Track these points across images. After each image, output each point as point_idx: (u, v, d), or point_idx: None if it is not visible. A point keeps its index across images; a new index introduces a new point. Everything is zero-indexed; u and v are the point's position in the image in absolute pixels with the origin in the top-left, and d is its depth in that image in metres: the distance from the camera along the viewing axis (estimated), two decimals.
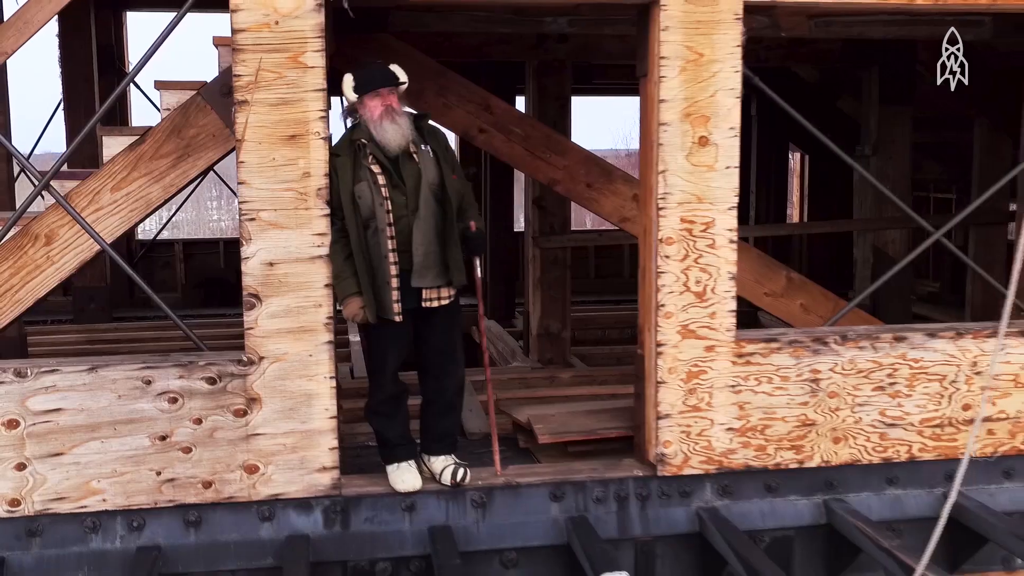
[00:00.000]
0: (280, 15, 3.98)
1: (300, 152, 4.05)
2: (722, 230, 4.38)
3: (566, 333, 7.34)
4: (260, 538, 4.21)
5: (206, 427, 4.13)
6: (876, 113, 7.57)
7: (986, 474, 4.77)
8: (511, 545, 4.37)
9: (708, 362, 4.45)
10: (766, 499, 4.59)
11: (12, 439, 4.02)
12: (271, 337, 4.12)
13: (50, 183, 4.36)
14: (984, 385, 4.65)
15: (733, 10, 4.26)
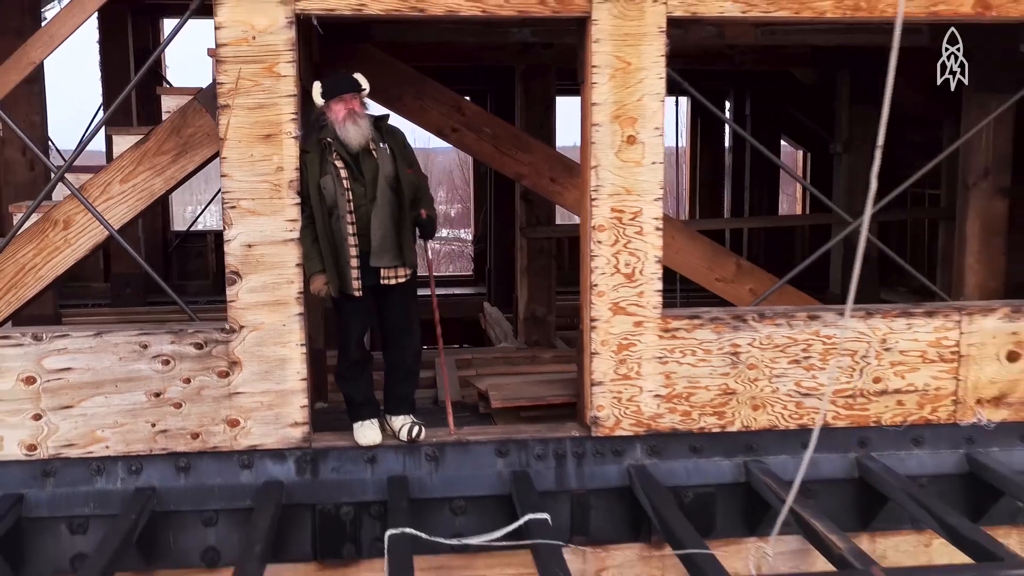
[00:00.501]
0: (256, 31, 4.62)
1: (274, 149, 4.69)
2: (649, 219, 4.94)
3: (551, 317, 7.93)
4: (240, 483, 4.87)
5: (194, 386, 4.80)
6: (847, 112, 8.04)
7: (896, 441, 5.26)
8: (460, 494, 4.98)
9: (637, 336, 5.01)
10: (691, 459, 5.13)
11: (30, 393, 4.73)
12: (250, 309, 4.78)
13: (66, 175, 5.06)
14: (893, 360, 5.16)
15: (657, 24, 4.82)
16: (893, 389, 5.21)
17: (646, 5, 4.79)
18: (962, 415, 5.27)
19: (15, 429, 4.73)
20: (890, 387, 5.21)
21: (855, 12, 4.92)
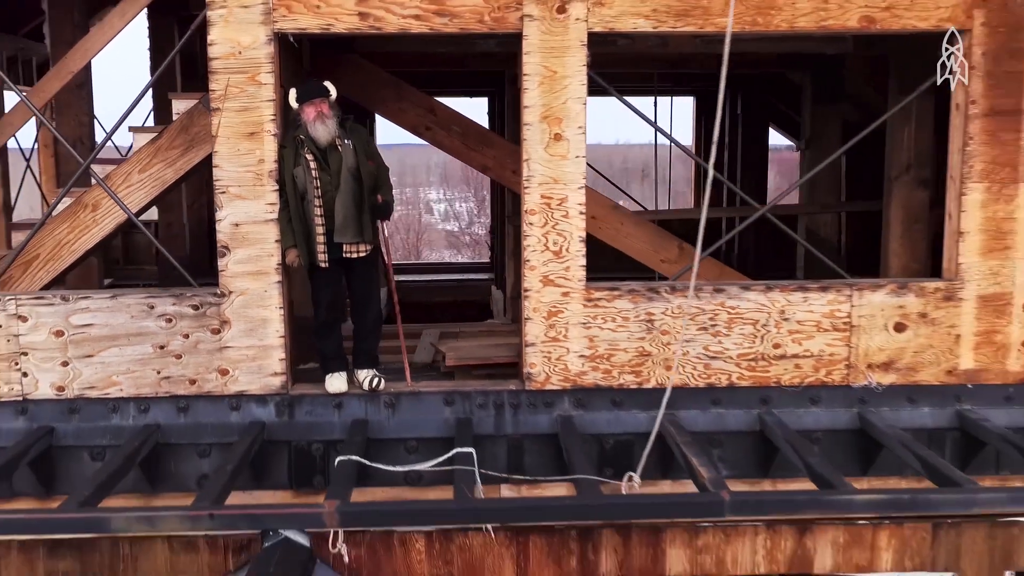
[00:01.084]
0: (242, 47, 5.60)
1: (257, 145, 5.67)
2: (574, 204, 5.80)
3: None
4: (230, 422, 5.86)
5: (192, 340, 5.80)
6: (809, 111, 8.74)
7: (795, 400, 6.02)
8: (412, 436, 5.89)
9: (564, 304, 5.87)
10: (612, 411, 5.97)
11: (59, 344, 5.78)
12: (237, 277, 5.76)
13: (92, 166, 6.11)
14: (791, 328, 5.93)
15: (579, 38, 5.66)
16: (791, 354, 5.99)
17: (569, 22, 5.64)
18: (854, 378, 6.02)
19: (47, 373, 5.79)
20: (788, 352, 5.98)
21: (752, 27, 5.70)
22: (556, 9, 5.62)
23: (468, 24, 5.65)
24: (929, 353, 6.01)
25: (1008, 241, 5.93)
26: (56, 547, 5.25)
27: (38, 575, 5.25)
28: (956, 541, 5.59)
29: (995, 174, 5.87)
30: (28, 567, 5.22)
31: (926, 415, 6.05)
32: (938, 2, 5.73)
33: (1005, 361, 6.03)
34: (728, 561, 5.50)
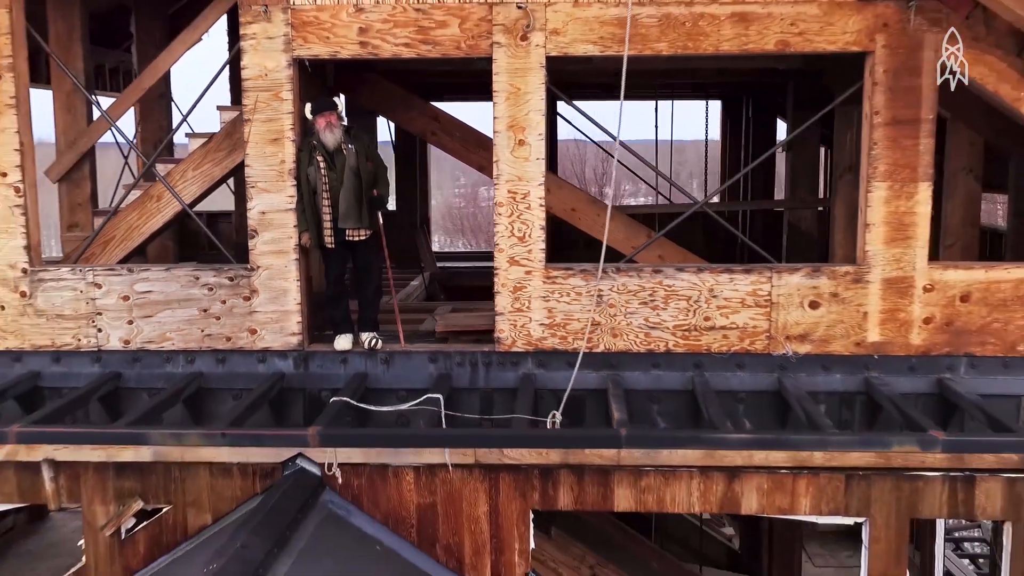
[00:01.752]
0: (268, 70, 6.98)
1: (279, 149, 7.05)
2: (535, 198, 7.01)
3: None
4: (257, 372, 7.26)
5: (228, 305, 7.23)
6: (791, 117, 9.72)
7: (724, 365, 7.10)
8: (403, 387, 7.19)
9: (527, 281, 7.08)
10: (568, 371, 7.13)
11: (125, 306, 7.28)
12: (263, 255, 7.16)
13: (155, 165, 7.59)
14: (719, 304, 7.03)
15: (539, 61, 6.86)
16: (720, 326, 7.07)
17: (530, 48, 6.85)
18: (774, 347, 7.07)
19: (116, 330, 7.30)
20: (717, 324, 7.07)
21: (683, 50, 6.82)
22: (519, 37, 6.84)
23: (448, 50, 6.92)
24: (840, 327, 7.02)
25: (909, 232, 6.89)
26: (122, 469, 6.73)
27: (108, 492, 6.72)
28: (867, 491, 6.63)
29: (897, 175, 6.84)
30: (101, 485, 6.72)
31: (838, 381, 7.06)
32: (844, 28, 6.74)
33: (908, 336, 7.00)
34: (667, 500, 6.65)
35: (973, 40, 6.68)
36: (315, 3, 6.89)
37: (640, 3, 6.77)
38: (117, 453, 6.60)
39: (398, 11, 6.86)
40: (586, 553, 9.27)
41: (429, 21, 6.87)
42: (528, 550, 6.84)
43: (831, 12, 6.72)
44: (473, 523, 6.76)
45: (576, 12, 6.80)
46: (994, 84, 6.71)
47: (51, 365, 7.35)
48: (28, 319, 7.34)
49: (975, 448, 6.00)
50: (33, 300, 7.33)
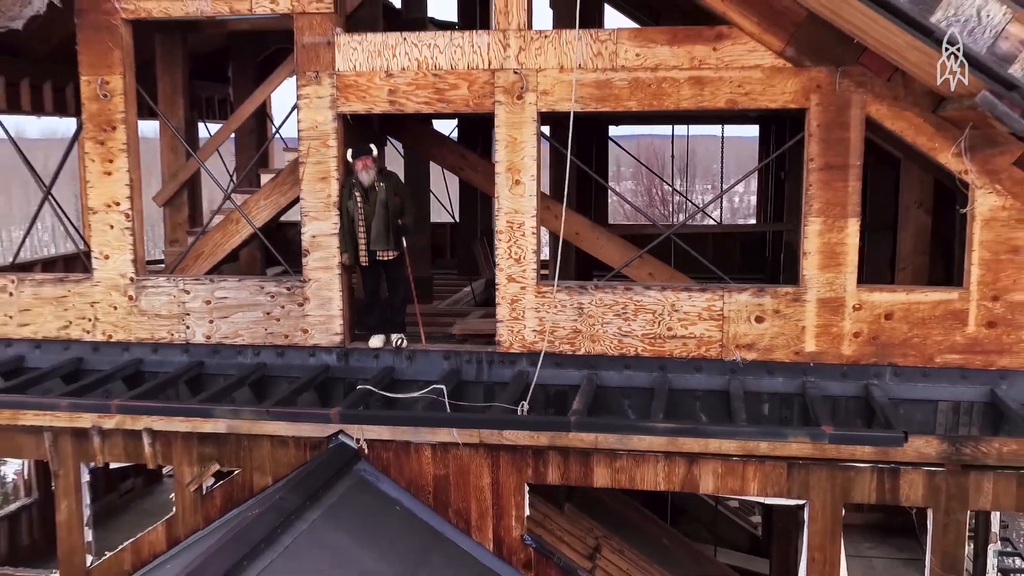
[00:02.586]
0: (317, 123, 8.74)
1: (326, 185, 8.81)
2: (528, 228, 8.56)
3: None
4: (308, 363, 9.05)
5: (286, 309, 9.04)
6: (788, 149, 10.96)
7: (684, 368, 8.51)
8: (422, 379, 8.85)
9: (522, 295, 8.65)
10: (555, 370, 8.68)
11: (207, 309, 9.17)
12: (314, 270, 8.93)
13: (232, 195, 9.47)
14: (680, 317, 8.44)
15: (532, 116, 8.41)
16: (680, 335, 8.49)
17: (525, 105, 8.41)
18: (726, 354, 8.44)
19: (200, 327, 9.21)
20: (678, 334, 8.49)
21: (649, 106, 8.26)
22: (516, 97, 8.41)
23: (459, 107, 8.55)
24: (782, 339, 8.34)
25: (840, 260, 8.17)
26: (204, 438, 8.62)
27: (193, 456, 8.62)
28: (806, 478, 8.01)
29: (829, 211, 8.13)
30: (187, 451, 8.61)
31: (780, 384, 8.39)
32: (784, 89, 8.07)
33: (840, 347, 8.27)
34: (638, 479, 8.16)
35: (894, 99, 7.92)
36: (355, 70, 8.63)
37: (613, 69, 8.25)
38: (200, 425, 8.49)
39: (419, 76, 8.53)
40: (594, 527, 10.78)
41: (444, 84, 8.51)
42: (524, 516, 8.44)
43: (772, 76, 8.06)
44: (478, 492, 8.40)
45: (561, 77, 8.33)
46: (912, 136, 7.93)
47: (150, 354, 9.31)
48: (134, 317, 9.33)
49: (853, 441, 7.31)
50: (138, 302, 9.31)
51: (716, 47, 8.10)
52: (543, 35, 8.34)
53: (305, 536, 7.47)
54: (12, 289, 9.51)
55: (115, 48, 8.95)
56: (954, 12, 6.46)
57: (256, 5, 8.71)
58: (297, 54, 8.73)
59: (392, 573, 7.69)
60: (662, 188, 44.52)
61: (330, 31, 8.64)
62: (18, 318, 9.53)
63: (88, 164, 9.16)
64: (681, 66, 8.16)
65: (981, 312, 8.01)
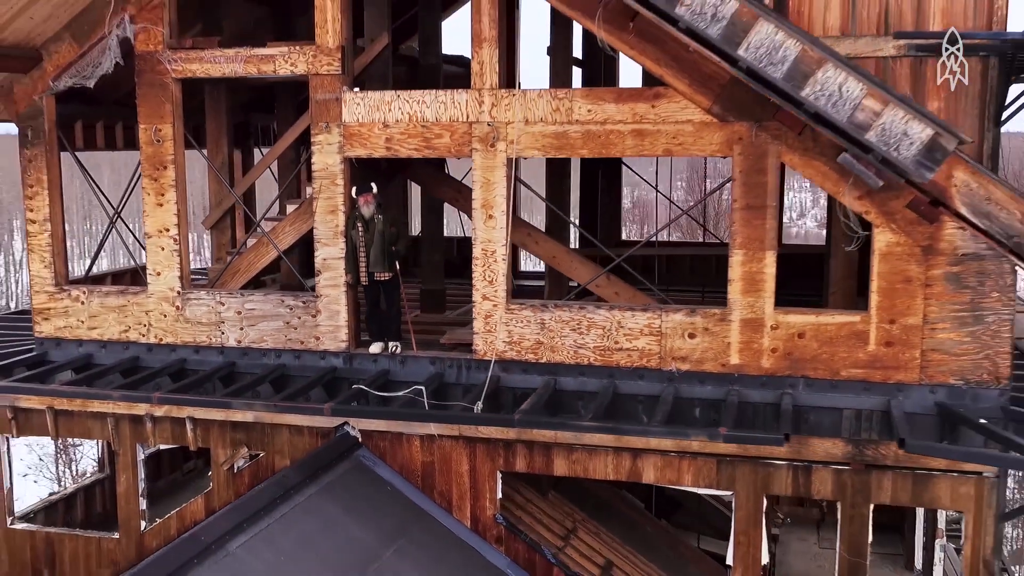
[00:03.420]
0: (328, 165, 10.48)
1: (334, 217, 10.54)
2: (500, 255, 10.14)
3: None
4: (320, 365, 10.81)
5: (302, 319, 10.81)
6: None
7: (630, 376, 9.98)
8: (411, 380, 10.50)
9: (494, 312, 10.24)
10: (522, 375, 10.24)
11: (239, 318, 10.99)
12: (324, 287, 10.68)
13: (261, 223, 11.28)
14: (626, 332, 9.91)
15: (502, 160, 9.99)
16: (626, 348, 9.97)
17: (497, 152, 10.00)
18: (664, 365, 9.89)
19: (233, 333, 11.04)
20: (624, 347, 9.97)
21: (599, 154, 9.75)
22: (489, 145, 10.01)
23: (443, 153, 10.19)
24: (711, 352, 9.76)
25: (760, 287, 9.55)
26: (235, 426, 10.46)
27: (226, 439, 10.46)
28: (732, 472, 9.47)
29: (750, 245, 9.52)
30: (222, 436, 10.46)
31: (709, 391, 9.80)
32: (711, 140, 9.48)
33: (760, 361, 9.65)
34: (591, 469, 9.71)
35: (804, 150, 9.26)
36: (358, 122, 10.34)
37: (569, 122, 9.79)
38: (231, 415, 10.33)
39: (410, 127, 10.20)
40: (575, 512, 12.28)
41: (430, 134, 10.16)
42: (496, 499, 10.06)
43: (701, 129, 9.49)
44: (458, 477, 10.06)
45: (526, 128, 9.90)
46: (820, 181, 9.27)
47: (192, 355, 11.20)
48: (180, 324, 11.22)
49: (743, 440, 8.71)
50: (183, 312, 11.20)
51: (654, 105, 9.57)
52: (511, 93, 9.92)
53: (301, 506, 9.21)
54: (84, 299, 11.51)
55: (167, 102, 10.84)
56: (820, 88, 7.83)
57: (279, 68, 10.50)
58: (312, 108, 10.48)
59: (373, 539, 9.38)
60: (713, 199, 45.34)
61: (339, 89, 10.37)
62: (88, 323, 11.52)
63: (144, 197, 11.08)
64: (625, 120, 9.65)
65: (880, 333, 9.30)
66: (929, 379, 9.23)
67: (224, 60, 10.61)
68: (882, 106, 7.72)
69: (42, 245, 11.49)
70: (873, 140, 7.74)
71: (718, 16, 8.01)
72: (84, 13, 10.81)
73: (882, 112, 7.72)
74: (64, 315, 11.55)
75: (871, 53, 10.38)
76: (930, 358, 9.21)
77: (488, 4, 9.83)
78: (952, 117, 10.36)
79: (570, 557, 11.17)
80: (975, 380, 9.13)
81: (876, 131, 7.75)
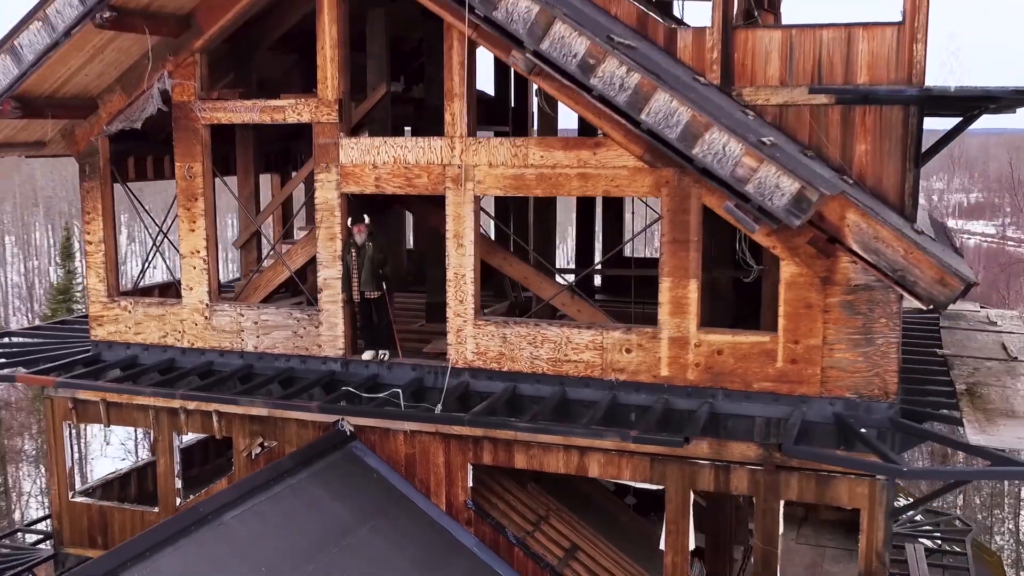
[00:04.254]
0: (327, 199, 12.33)
1: (333, 243, 12.38)
2: (469, 279, 11.83)
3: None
4: (321, 369, 12.67)
5: (307, 330, 12.69)
6: None
7: (578, 384, 11.56)
8: (395, 384, 12.28)
9: (464, 326, 11.94)
10: (487, 381, 11.91)
11: (256, 327, 12.93)
12: (325, 303, 12.53)
13: (277, 245, 13.19)
14: (573, 347, 11.52)
15: (470, 198, 11.69)
16: (574, 360, 11.57)
17: (465, 190, 11.70)
18: (605, 375, 11.45)
19: (250, 340, 12.98)
20: (572, 359, 11.57)
21: (550, 193, 11.38)
22: (459, 184, 11.71)
23: (421, 190, 11.94)
24: (644, 365, 11.29)
25: (685, 310, 11.04)
26: (253, 419, 12.45)
27: (245, 431, 12.47)
28: (663, 469, 11.08)
29: (676, 274, 11.02)
30: (242, 427, 12.46)
31: (644, 399, 11.33)
32: (643, 183, 11.01)
33: (686, 374, 11.15)
34: (545, 463, 11.43)
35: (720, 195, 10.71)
36: (352, 163, 12.16)
37: (525, 166, 11.43)
38: (249, 409, 12.29)
39: (395, 169, 11.98)
40: (550, 502, 13.92)
41: (411, 174, 11.93)
42: (468, 487, 11.84)
43: (634, 174, 11.03)
44: (436, 467, 11.85)
45: (490, 171, 11.58)
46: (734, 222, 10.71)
47: (218, 358, 13.18)
48: (208, 331, 13.22)
49: (648, 441, 10.24)
50: (211, 321, 13.19)
51: (595, 152, 11.15)
52: (477, 141, 11.61)
53: (291, 488, 11.10)
54: (130, 308, 13.61)
55: (198, 144, 12.83)
56: (708, 147, 9.33)
57: (288, 116, 12.39)
58: (315, 150, 12.35)
59: (351, 516, 11.21)
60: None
61: (336, 135, 12.21)
62: (134, 329, 13.61)
63: (180, 224, 13.11)
64: (572, 165, 11.25)
65: (786, 352, 10.73)
66: (828, 392, 10.62)
67: (244, 109, 12.56)
68: (758, 163, 9.18)
69: (97, 263, 13.63)
70: (751, 191, 9.21)
71: (624, 86, 9.57)
72: (131, 70, 12.86)
73: (758, 168, 9.18)
74: (114, 322, 13.66)
75: (806, 102, 11.78)
76: (829, 374, 10.59)
77: (458, 66, 11.53)
78: (877, 158, 11.74)
79: (537, 540, 12.84)
80: (867, 394, 10.49)
81: (754, 183, 9.21)
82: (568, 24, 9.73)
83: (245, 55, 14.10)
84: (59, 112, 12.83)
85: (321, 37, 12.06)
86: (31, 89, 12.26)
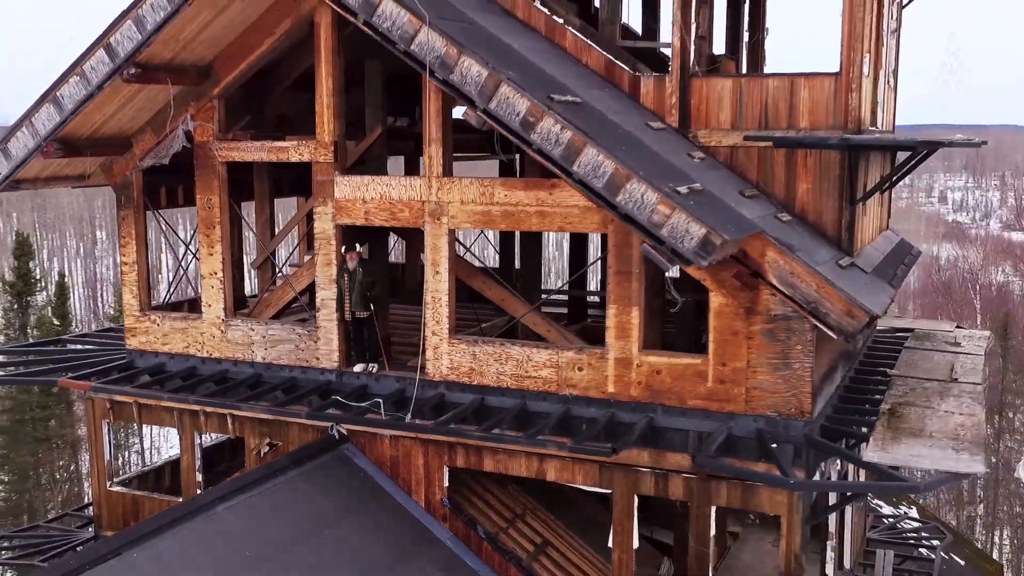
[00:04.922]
0: (324, 230, 13.96)
1: (329, 268, 14.01)
2: (444, 302, 13.35)
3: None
4: (318, 379, 14.30)
5: (307, 344, 14.34)
6: None
7: (539, 398, 12.98)
8: (381, 393, 13.85)
9: (440, 344, 13.46)
10: (460, 393, 13.40)
11: (264, 340, 14.64)
12: (323, 321, 14.17)
13: (286, 268, 14.87)
14: (535, 364, 12.95)
15: (446, 232, 13.20)
16: (534, 376, 12.99)
17: (441, 224, 13.21)
18: (561, 390, 12.86)
19: (260, 352, 14.69)
20: (533, 374, 13.00)
21: (513, 227, 12.83)
22: (436, 218, 13.23)
23: (404, 223, 13.50)
24: (594, 382, 12.66)
25: (628, 333, 12.39)
26: (261, 422, 14.19)
27: (255, 432, 14.22)
28: (611, 475, 12.51)
29: (621, 302, 12.38)
30: (252, 428, 14.23)
31: (594, 412, 12.70)
32: (592, 220, 12.39)
33: (629, 391, 12.50)
34: (511, 468, 12.96)
35: None
36: (345, 198, 13.78)
37: (492, 204, 12.90)
38: (256, 413, 14.02)
39: (382, 203, 13.56)
40: (529, 502, 15.37)
41: (395, 208, 13.49)
42: (444, 486, 13.42)
43: (584, 212, 12.42)
44: (416, 468, 13.44)
45: (463, 207, 13.08)
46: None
47: (232, 367, 14.93)
48: (224, 343, 14.98)
49: (581, 451, 11.62)
50: (226, 334, 14.94)
51: (551, 192, 12.57)
52: (451, 180, 13.12)
53: (282, 484, 12.77)
54: (159, 321, 15.45)
55: (215, 179, 14.59)
56: (628, 196, 10.69)
57: (291, 155, 14.06)
58: (313, 186, 14.00)
59: (333, 510, 12.83)
60: None
61: (332, 173, 13.84)
62: (161, 339, 15.45)
63: (201, 249, 14.88)
64: (531, 204, 12.69)
65: (716, 373, 12.01)
66: (752, 410, 11.88)
67: (254, 149, 14.27)
68: (671, 210, 10.51)
69: (131, 281, 15.50)
70: (665, 235, 10.54)
71: (559, 141, 10.99)
72: (159, 113, 14.68)
73: (671, 215, 10.51)
74: (146, 333, 15.52)
75: (753, 144, 13.07)
76: (752, 394, 11.85)
77: (435, 115, 13.06)
78: (817, 196, 12.99)
79: (510, 536, 14.32)
80: (786, 413, 11.72)
81: (667, 228, 10.54)
82: (512, 87, 11.16)
83: (262, 97, 15.82)
84: (97, 151, 14.70)
85: (319, 87, 13.69)
86: (72, 132, 14.13)
